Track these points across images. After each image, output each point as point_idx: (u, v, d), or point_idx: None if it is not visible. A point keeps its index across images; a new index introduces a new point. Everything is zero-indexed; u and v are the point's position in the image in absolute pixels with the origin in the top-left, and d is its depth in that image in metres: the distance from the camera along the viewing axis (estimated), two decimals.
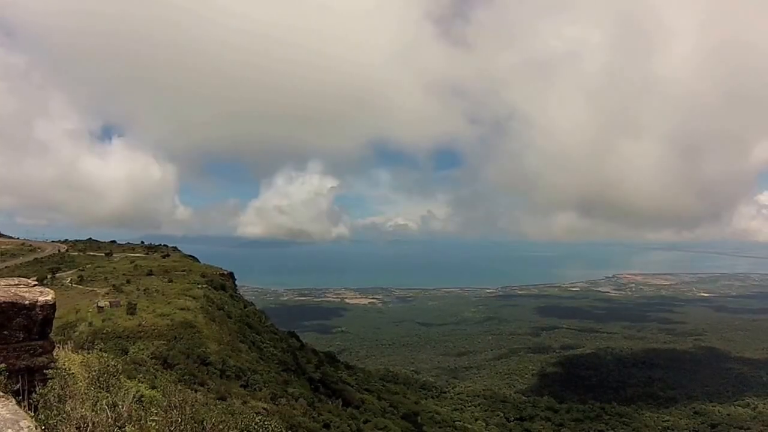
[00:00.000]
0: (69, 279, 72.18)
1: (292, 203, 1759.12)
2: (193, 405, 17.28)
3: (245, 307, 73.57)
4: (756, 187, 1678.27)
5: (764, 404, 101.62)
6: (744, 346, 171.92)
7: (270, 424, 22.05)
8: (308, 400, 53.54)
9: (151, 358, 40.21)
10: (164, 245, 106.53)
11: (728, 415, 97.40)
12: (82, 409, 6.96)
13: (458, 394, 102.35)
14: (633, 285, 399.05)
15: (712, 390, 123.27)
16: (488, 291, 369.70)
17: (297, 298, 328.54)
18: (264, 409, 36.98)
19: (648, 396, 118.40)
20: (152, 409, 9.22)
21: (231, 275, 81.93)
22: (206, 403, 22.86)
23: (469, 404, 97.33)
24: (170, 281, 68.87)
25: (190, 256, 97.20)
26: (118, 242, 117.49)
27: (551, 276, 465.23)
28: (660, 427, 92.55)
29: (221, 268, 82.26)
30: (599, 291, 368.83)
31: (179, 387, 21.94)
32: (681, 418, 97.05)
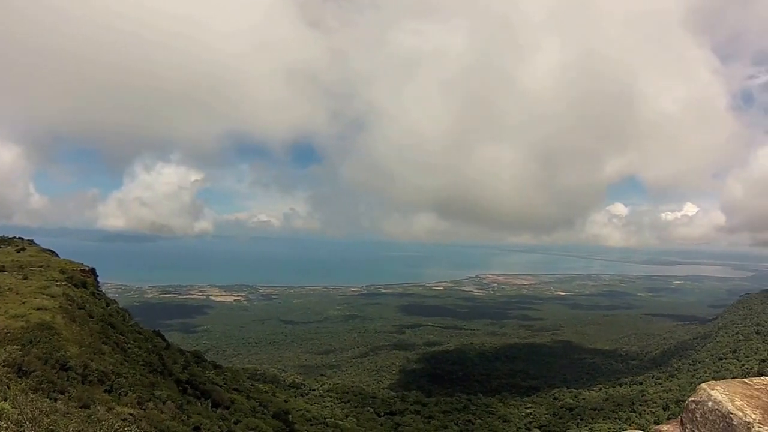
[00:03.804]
0: None
1: (154, 195, 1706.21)
2: (50, 416, 16.98)
3: (108, 306, 69.48)
4: (607, 199, 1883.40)
5: (614, 389, 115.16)
6: (596, 338, 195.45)
7: (131, 430, 22.13)
8: (176, 403, 52.20)
9: (3, 366, 37.45)
10: (19, 238, 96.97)
11: (584, 399, 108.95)
12: None
13: (327, 391, 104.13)
14: (495, 284, 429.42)
15: (568, 378, 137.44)
16: (352, 289, 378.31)
17: (161, 296, 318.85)
18: (130, 414, 35.86)
19: (511, 386, 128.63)
20: (1, 423, 8.38)
21: (93, 271, 76.83)
22: (67, 413, 21.50)
23: (339, 401, 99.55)
24: (25, 278, 63.11)
25: (49, 250, 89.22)
26: None
27: (415, 275, 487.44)
28: (523, 413, 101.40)
29: (82, 264, 76.81)
30: (463, 290, 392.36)
31: (35, 397, 20.82)
32: (542, 405, 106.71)
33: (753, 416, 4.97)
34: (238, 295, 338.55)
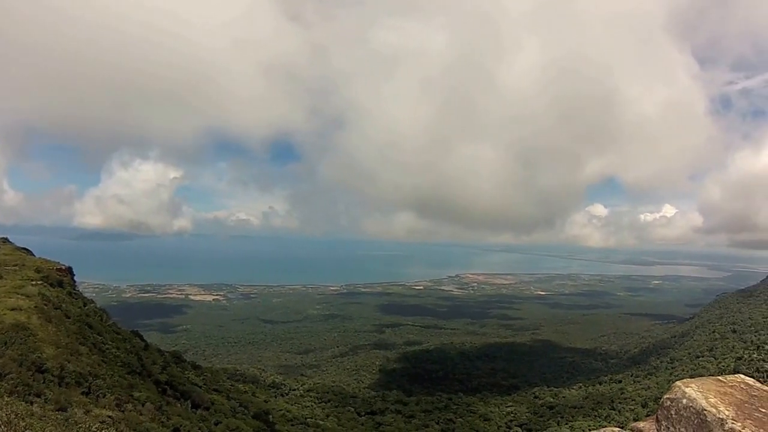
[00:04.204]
0: None
1: (132, 192, 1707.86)
2: (26, 419, 17.03)
3: (85, 306, 68.90)
4: (586, 199, 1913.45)
5: (594, 387, 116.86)
6: (575, 337, 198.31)
7: None
8: (156, 404, 52.10)
9: None
10: None
11: (564, 397, 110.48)
12: None
13: (308, 391, 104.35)
14: (475, 284, 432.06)
15: (548, 377, 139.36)
16: (332, 288, 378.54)
17: (139, 295, 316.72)
18: (109, 417, 35.81)
19: (492, 385, 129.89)
20: None
21: (69, 270, 75.97)
22: (43, 416, 21.65)
23: (319, 401, 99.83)
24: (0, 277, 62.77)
25: (24, 248, 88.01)
26: None
27: (395, 275, 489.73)
28: (504, 412, 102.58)
29: (59, 263, 75.98)
30: (443, 289, 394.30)
31: (10, 400, 20.91)
32: (522, 403, 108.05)
33: (726, 413, 5.20)
34: (217, 294, 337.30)
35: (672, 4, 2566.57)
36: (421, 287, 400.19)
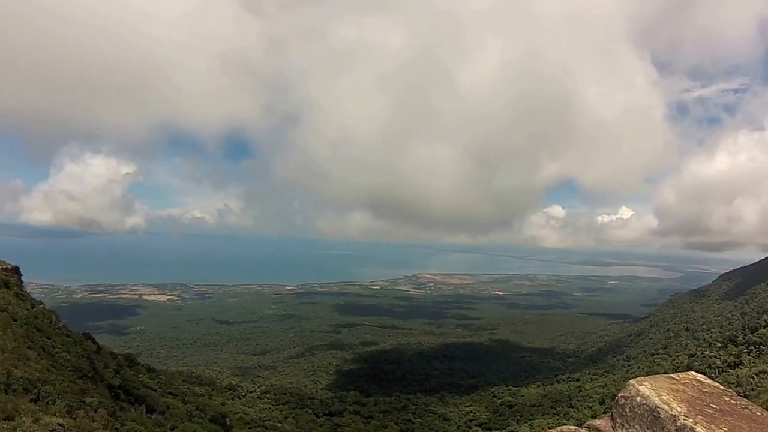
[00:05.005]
0: None
1: (83, 188, 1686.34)
2: None
3: (33, 307, 67.20)
4: (544, 200, 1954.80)
5: (552, 385, 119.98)
6: (533, 337, 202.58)
7: None
8: (109, 410, 51.48)
9: None
10: None
11: (522, 396, 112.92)
12: None
13: (264, 393, 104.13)
14: (432, 284, 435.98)
15: (507, 376, 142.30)
16: (288, 288, 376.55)
17: (91, 296, 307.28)
18: (59, 425, 35.49)
19: (450, 385, 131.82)
20: None
21: (16, 270, 73.79)
22: None
23: (277, 403, 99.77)
24: None
25: None
26: None
27: (351, 274, 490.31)
28: (463, 412, 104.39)
29: (4, 262, 74.05)
30: (399, 289, 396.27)
31: None
32: (481, 403, 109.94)
33: (678, 409, 5.45)
34: (171, 294, 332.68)
35: (632, 12, 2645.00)
36: (378, 287, 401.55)
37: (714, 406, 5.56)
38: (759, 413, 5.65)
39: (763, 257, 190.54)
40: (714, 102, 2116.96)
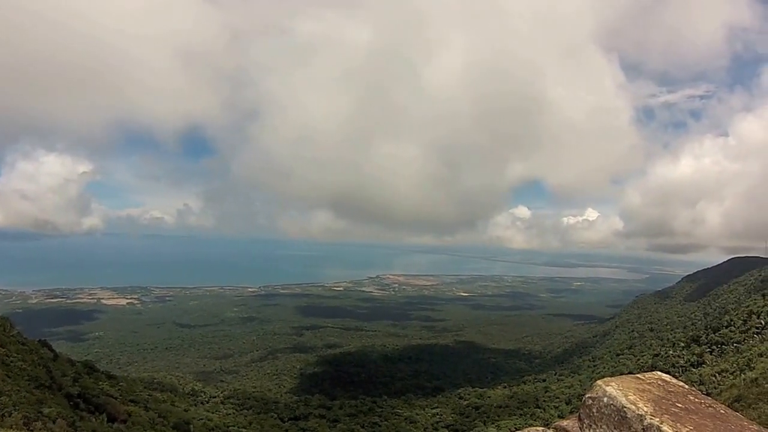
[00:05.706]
0: None
1: (37, 187, 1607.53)
2: None
3: None
4: (510, 201, 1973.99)
5: (518, 386, 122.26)
6: (499, 338, 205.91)
7: None
8: (68, 420, 51.26)
9: None
10: None
11: (489, 397, 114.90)
12: None
13: (228, 398, 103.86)
14: (396, 285, 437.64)
15: (473, 377, 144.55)
16: (249, 290, 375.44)
17: (46, 301, 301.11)
18: None
19: (416, 387, 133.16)
20: None
21: None
22: None
23: (241, 408, 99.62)
24: None
25: None
26: None
27: (313, 275, 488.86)
28: (429, 414, 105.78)
29: None
30: (363, 291, 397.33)
31: None
32: (447, 405, 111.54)
33: (645, 409, 5.58)
34: (131, 298, 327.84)
35: (601, 12, 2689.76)
36: (341, 288, 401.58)
37: (679, 405, 5.73)
38: (722, 411, 5.86)
39: (726, 259, 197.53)
40: (680, 107, 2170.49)
